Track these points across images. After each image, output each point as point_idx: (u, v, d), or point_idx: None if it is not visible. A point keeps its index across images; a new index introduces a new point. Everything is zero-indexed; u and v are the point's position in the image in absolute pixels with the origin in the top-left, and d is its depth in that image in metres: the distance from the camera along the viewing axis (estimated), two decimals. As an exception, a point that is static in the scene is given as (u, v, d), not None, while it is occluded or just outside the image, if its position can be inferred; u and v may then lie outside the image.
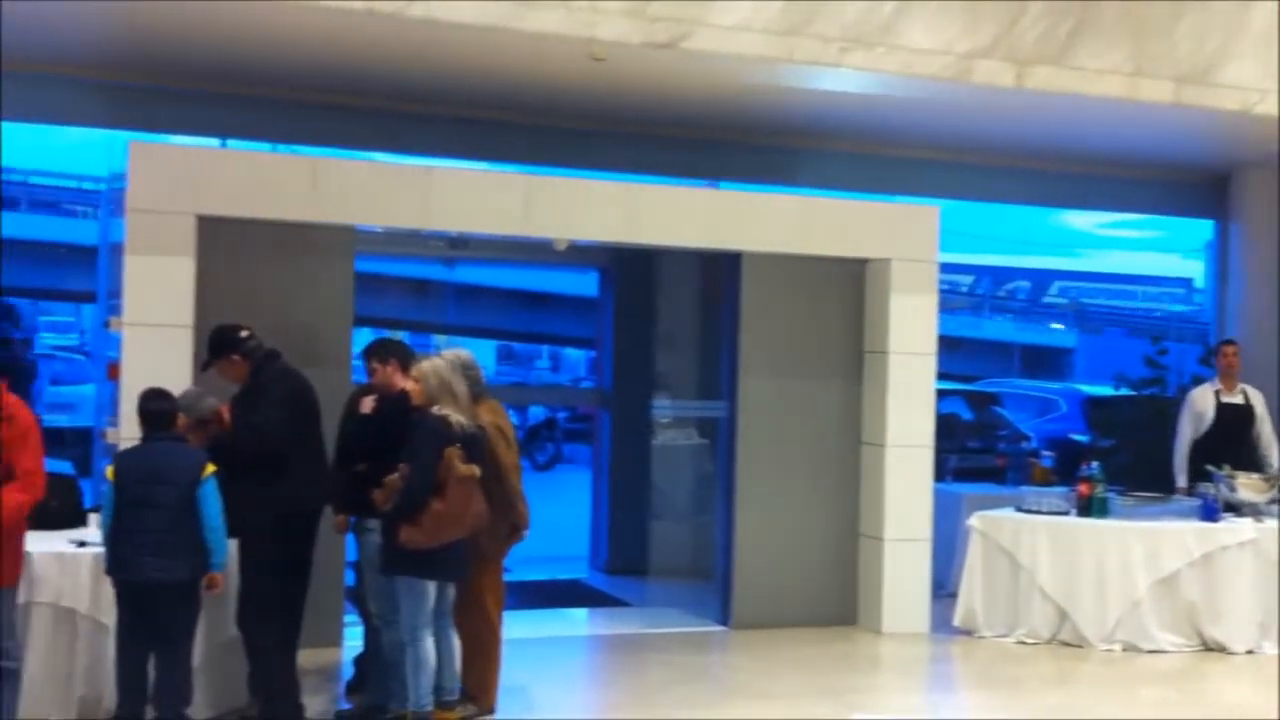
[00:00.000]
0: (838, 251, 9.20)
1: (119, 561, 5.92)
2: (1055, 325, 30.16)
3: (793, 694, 7.65)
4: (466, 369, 6.61)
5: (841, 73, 8.47)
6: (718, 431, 9.66)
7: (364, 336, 9.38)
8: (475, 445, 6.32)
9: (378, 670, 6.72)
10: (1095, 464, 9.20)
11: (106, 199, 9.07)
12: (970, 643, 8.97)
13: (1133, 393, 12.69)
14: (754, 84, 8.99)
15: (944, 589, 9.70)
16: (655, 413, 11.30)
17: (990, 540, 9.07)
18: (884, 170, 10.98)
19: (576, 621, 9.84)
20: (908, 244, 9.22)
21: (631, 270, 11.17)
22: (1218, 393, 9.96)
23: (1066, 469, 10.48)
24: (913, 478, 9.17)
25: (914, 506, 9.17)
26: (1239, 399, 9.96)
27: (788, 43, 8.12)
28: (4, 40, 8.08)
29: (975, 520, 9.17)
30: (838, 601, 9.27)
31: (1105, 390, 15.55)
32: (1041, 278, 36.87)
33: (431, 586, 6.29)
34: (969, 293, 32.38)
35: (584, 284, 13.44)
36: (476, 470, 6.26)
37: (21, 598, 5.97)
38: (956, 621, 9.11)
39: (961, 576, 9.19)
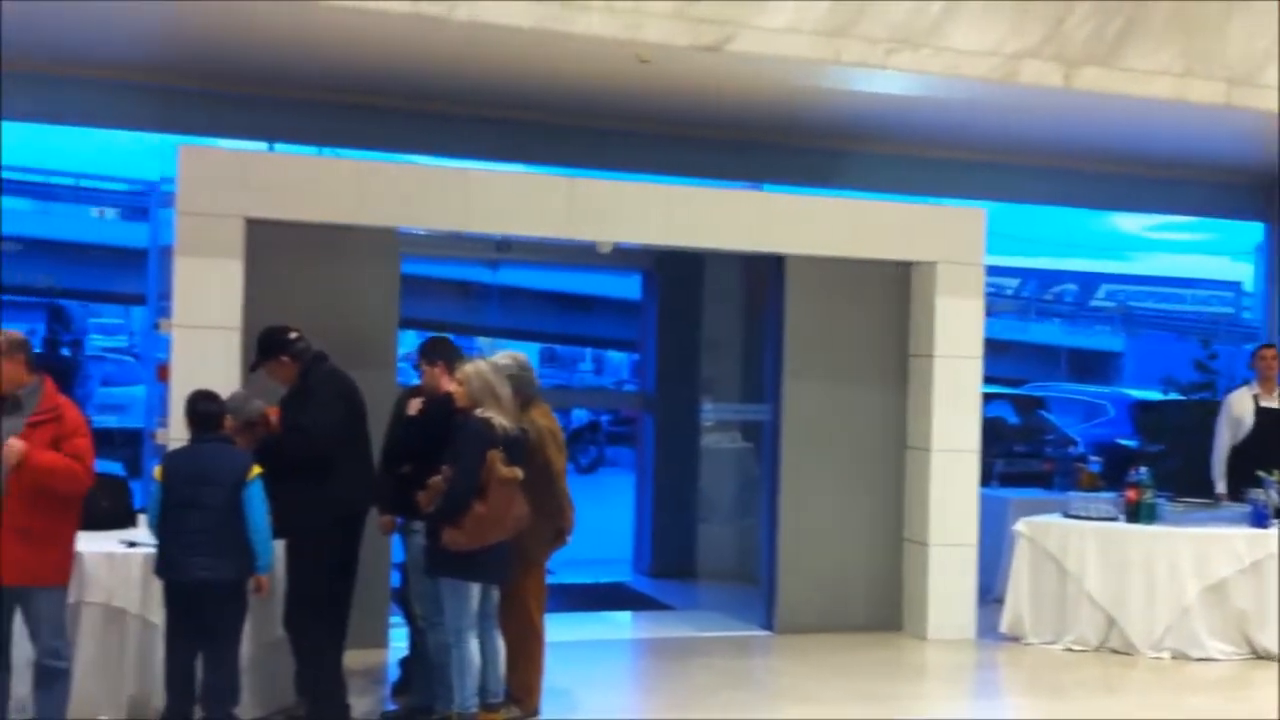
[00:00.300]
0: (883, 254, 9.16)
1: (167, 561, 5.98)
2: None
3: (838, 700, 7.61)
4: (522, 370, 6.66)
5: (888, 74, 8.43)
6: (762, 435, 9.63)
7: (409, 338, 9.41)
8: (517, 448, 6.33)
9: (423, 671, 6.74)
10: (1144, 469, 9.10)
11: (156, 202, 9.15)
12: (1017, 649, 8.90)
13: (1182, 397, 12.55)
14: (799, 86, 8.96)
15: (990, 595, 9.63)
16: (699, 416, 11.28)
17: (1037, 546, 9.00)
18: (930, 172, 10.92)
19: (620, 625, 9.85)
20: (954, 247, 9.17)
21: (675, 273, 11.16)
22: (1256, 397, 9.84)
23: (1114, 474, 10.38)
24: (958, 482, 9.11)
25: (960, 511, 9.11)
26: (1277, 403, 9.83)
27: (834, 44, 8.08)
28: (55, 45, 8.18)
29: (1022, 525, 9.10)
30: (883, 607, 9.22)
31: (1154, 394, 15.41)
32: (1089, 281, 36.57)
33: (475, 588, 6.31)
34: (1015, 296, 32.16)
35: (627, 287, 13.44)
36: (519, 473, 6.27)
37: (72, 597, 6.02)
38: (1003, 628, 9.04)
39: (1008, 582, 9.12)
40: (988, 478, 10.20)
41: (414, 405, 6.80)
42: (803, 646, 8.76)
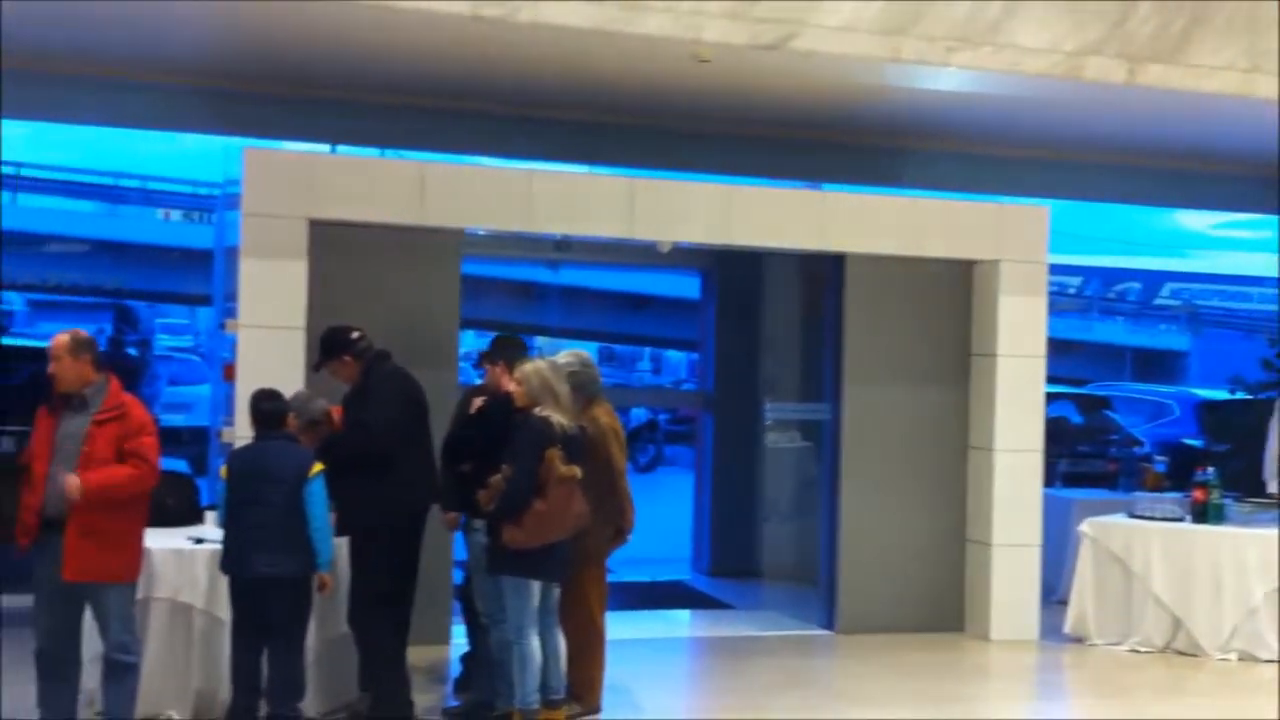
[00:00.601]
0: (944, 253, 9.11)
1: (231, 558, 6.07)
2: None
3: (900, 700, 7.58)
4: (585, 368, 6.70)
5: (948, 72, 8.38)
6: (821, 434, 9.60)
7: (470, 338, 9.45)
8: (575, 446, 6.36)
9: (484, 668, 6.78)
10: (1210, 469, 9.00)
11: (222, 204, 9.28)
12: (1081, 651, 8.83)
13: (1249, 396, 12.38)
14: (859, 84, 8.93)
15: (1054, 595, 9.55)
16: (758, 415, 11.26)
17: (1101, 546, 8.91)
18: (991, 170, 10.84)
19: (679, 623, 9.85)
20: (1016, 245, 9.11)
21: (734, 272, 11.16)
22: None
23: (1180, 474, 10.27)
24: (1021, 482, 9.04)
25: (1023, 511, 9.04)
26: None
27: (894, 42, 8.05)
28: (123, 50, 8.30)
29: (1086, 526, 9.02)
30: (945, 607, 9.16)
31: (1220, 394, 15.22)
32: (1153, 279, 36.13)
33: (536, 586, 6.34)
34: (1078, 294, 31.84)
35: (686, 286, 13.45)
36: (577, 471, 6.29)
37: (140, 593, 6.12)
38: (1067, 629, 8.97)
39: (1072, 583, 9.04)
40: (1051, 478, 10.11)
41: (476, 404, 6.86)
42: (863, 646, 8.73)
